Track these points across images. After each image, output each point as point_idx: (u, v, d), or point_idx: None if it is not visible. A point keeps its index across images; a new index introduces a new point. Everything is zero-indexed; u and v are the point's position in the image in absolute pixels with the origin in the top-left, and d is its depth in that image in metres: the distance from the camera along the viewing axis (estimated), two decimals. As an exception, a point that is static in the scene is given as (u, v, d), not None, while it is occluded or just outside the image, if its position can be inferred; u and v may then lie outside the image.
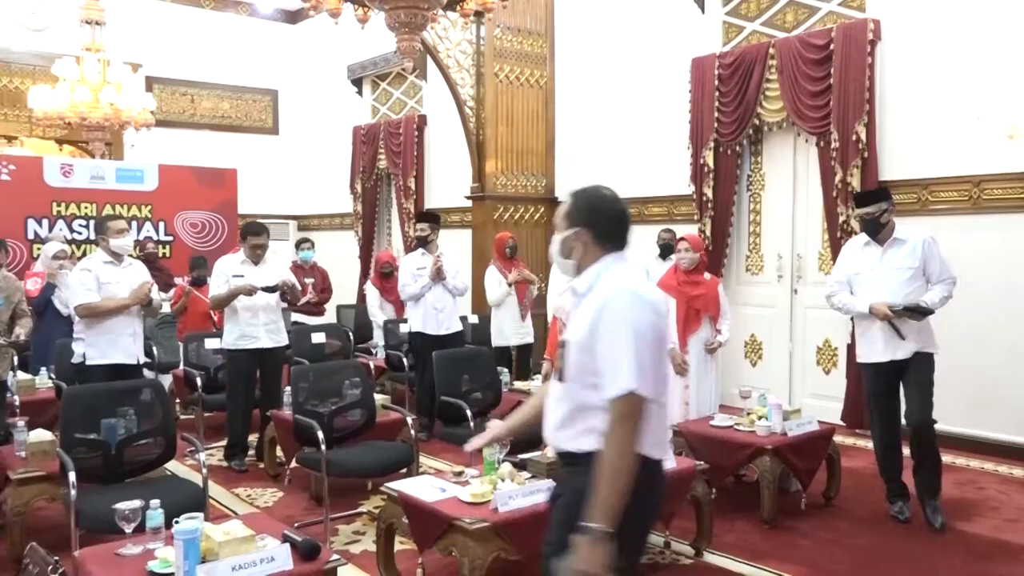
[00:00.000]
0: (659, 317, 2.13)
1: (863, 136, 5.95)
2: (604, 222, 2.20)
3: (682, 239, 5.00)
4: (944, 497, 4.67)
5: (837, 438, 4.82)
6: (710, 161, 6.99)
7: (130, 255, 5.17)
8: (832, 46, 6.12)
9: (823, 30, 6.30)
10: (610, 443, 2.02)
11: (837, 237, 6.16)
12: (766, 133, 6.90)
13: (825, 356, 6.58)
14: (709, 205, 7.02)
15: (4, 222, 7.57)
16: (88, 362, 4.83)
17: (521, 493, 3.17)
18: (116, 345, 4.87)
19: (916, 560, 3.79)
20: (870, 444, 5.80)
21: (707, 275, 5.02)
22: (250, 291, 5.13)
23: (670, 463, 2.38)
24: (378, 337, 7.38)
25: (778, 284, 6.85)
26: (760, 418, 4.41)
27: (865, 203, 4.29)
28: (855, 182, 6.00)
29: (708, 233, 6.96)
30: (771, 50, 6.55)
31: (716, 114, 6.91)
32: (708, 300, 4.86)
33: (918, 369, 4.26)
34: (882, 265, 4.23)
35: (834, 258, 6.27)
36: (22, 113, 9.90)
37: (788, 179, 6.83)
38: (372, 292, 7.62)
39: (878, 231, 4.25)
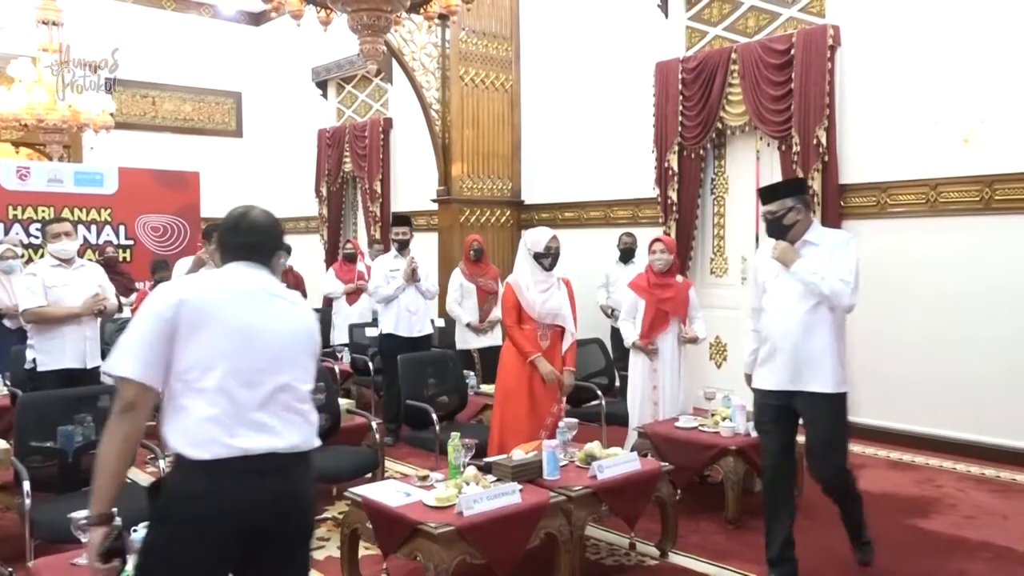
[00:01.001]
0: (180, 309, 2.05)
1: (823, 140, 6.04)
2: (223, 236, 2.29)
3: (657, 240, 5.03)
4: (904, 495, 4.76)
5: (800, 439, 4.87)
6: (674, 164, 7.05)
7: (83, 258, 5.06)
8: (793, 51, 6.21)
9: (784, 35, 6.39)
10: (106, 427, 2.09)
11: (799, 240, 6.23)
12: (729, 136, 6.97)
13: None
14: (674, 208, 7.08)
15: (-42, 226, 7.41)
16: (39, 368, 4.72)
17: (486, 496, 3.16)
18: (66, 350, 4.76)
19: (878, 557, 3.84)
20: (832, 444, 5.92)
21: (680, 278, 5.05)
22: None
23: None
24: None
25: (742, 286, 6.91)
26: (724, 419, 4.44)
27: (766, 199, 3.48)
28: (816, 185, 6.09)
29: (673, 236, 7.00)
30: (733, 55, 6.62)
31: (680, 118, 6.97)
32: (677, 303, 4.90)
33: (811, 413, 3.55)
34: (787, 276, 3.42)
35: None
36: (-23, 115, 9.68)
37: (751, 182, 6.91)
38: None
39: (782, 234, 3.43)
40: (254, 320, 2.12)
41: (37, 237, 8.03)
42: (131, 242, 8.67)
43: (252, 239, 2.25)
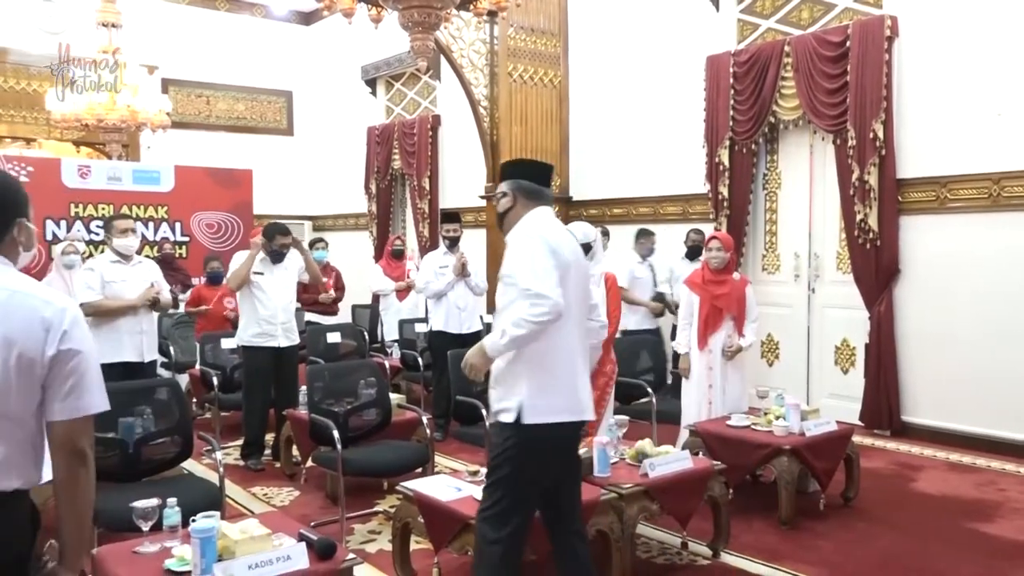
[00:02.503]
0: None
1: (880, 134, 5.90)
2: None
3: (713, 238, 4.97)
4: (965, 498, 4.63)
5: (856, 438, 4.78)
6: (725, 160, 6.95)
7: (140, 254, 5.20)
8: (848, 43, 6.07)
9: (839, 27, 6.25)
10: None
11: (854, 236, 6.11)
12: (782, 131, 6.85)
13: (843, 356, 6.52)
14: (724, 204, 6.98)
15: (23, 223, 7.63)
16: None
17: (537, 493, 3.15)
18: (123, 344, 4.89)
19: (936, 562, 3.75)
20: (889, 445, 5.81)
21: (736, 275, 4.96)
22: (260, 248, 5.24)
23: None
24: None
25: (795, 284, 6.80)
26: (777, 418, 4.37)
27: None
28: (872, 180, 5.95)
29: (723, 232, 6.91)
30: (786, 47, 6.50)
31: (731, 112, 6.87)
32: (731, 300, 4.83)
33: None
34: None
35: (852, 257, 6.25)
36: (40, 115, 9.97)
37: (804, 177, 6.78)
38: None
39: (499, 222, 3.06)
40: None
41: (98, 234, 8.24)
42: (187, 238, 8.85)
43: None
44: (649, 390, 5.28)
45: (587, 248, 4.39)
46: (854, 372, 6.41)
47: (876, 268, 6.06)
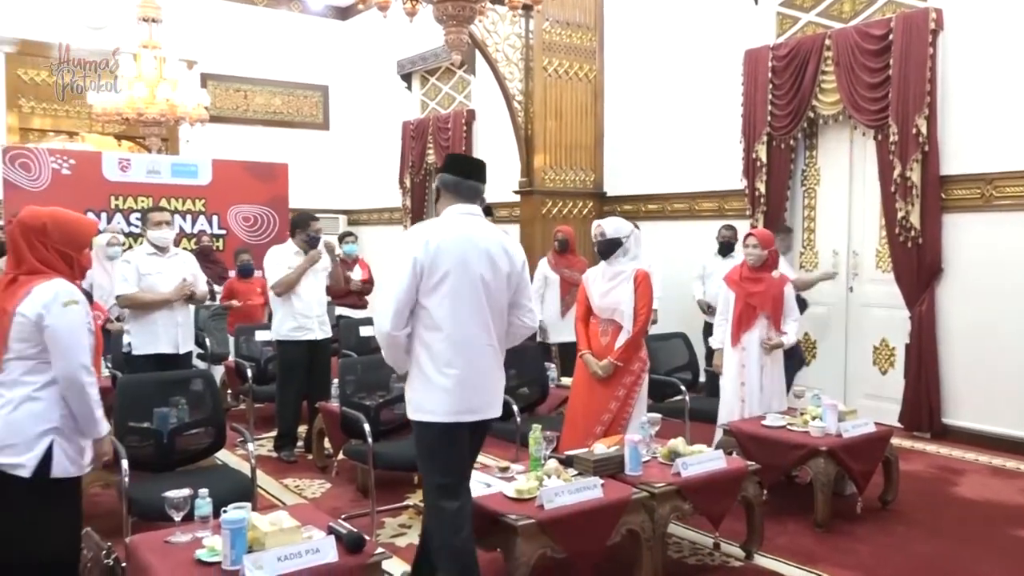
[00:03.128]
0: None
1: (923, 129, 5.76)
2: None
3: (750, 234, 4.89)
4: (1008, 504, 4.50)
5: (894, 440, 4.68)
6: (763, 155, 6.85)
7: (178, 247, 5.26)
8: (891, 36, 5.93)
9: (882, 20, 6.11)
10: None
11: (895, 234, 5.98)
12: (821, 126, 6.73)
13: (882, 356, 6.39)
14: (761, 200, 6.88)
15: (64, 215, 7.76)
16: (134, 352, 4.94)
17: (567, 490, 3.13)
18: (159, 335, 4.95)
19: (977, 570, 3.65)
20: (929, 447, 5.68)
21: (775, 273, 4.86)
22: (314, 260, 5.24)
23: None
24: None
25: (832, 282, 6.66)
26: (814, 418, 4.29)
27: None
28: (915, 177, 5.82)
29: (760, 228, 6.81)
30: (827, 41, 6.38)
31: (769, 107, 6.76)
32: (766, 298, 4.74)
33: None
34: None
35: (892, 255, 6.12)
36: (82, 110, 10.15)
37: (844, 174, 6.65)
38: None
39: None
40: None
41: (137, 226, 8.37)
42: (223, 231, 8.95)
43: None
44: (682, 387, 5.22)
45: (616, 244, 4.35)
46: (893, 373, 6.28)
47: (918, 266, 5.92)
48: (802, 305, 5.96)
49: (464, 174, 3.06)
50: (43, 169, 7.96)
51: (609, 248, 4.35)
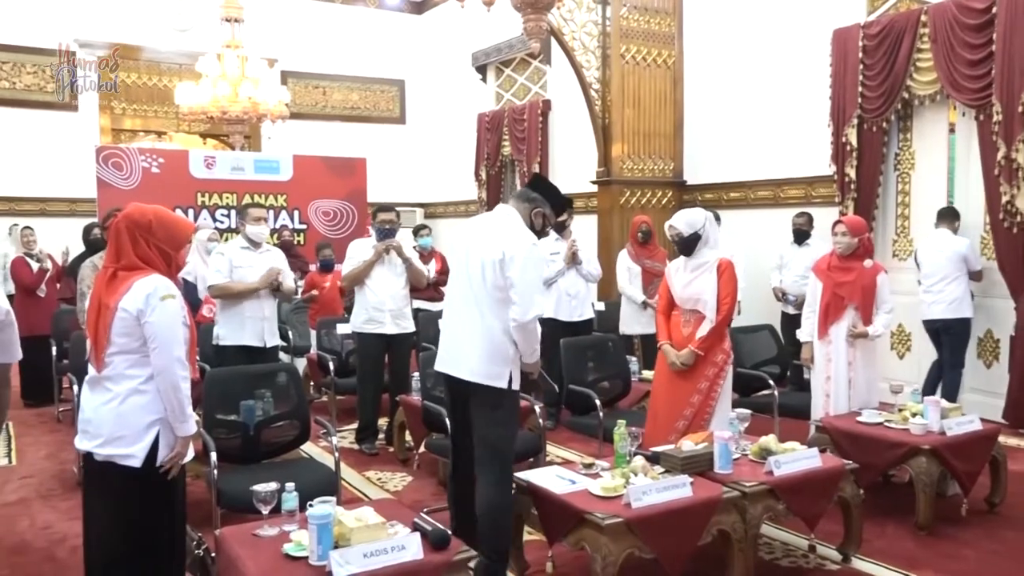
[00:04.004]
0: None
1: (1031, 107, 5.41)
2: None
3: (839, 222, 4.69)
4: None
5: (1001, 438, 4.40)
6: (853, 139, 6.55)
7: (268, 242, 5.34)
8: (995, 10, 5.58)
9: (984, -7, 5.76)
10: None
11: (999, 219, 5.64)
12: (916, 107, 6.40)
13: (986, 348, 6.05)
14: (852, 186, 6.59)
15: (154, 212, 7.98)
16: (221, 343, 5.04)
17: (655, 488, 3.03)
18: (245, 328, 5.03)
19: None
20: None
21: (868, 262, 4.62)
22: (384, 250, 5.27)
23: None
24: None
25: (929, 270, 6.33)
26: (914, 415, 4.07)
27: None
28: (1021, 158, 5.47)
29: (850, 215, 6.52)
30: (923, 17, 6.05)
31: (860, 88, 6.46)
32: (855, 288, 4.52)
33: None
34: None
35: (996, 242, 5.78)
36: (170, 110, 10.51)
37: (941, 157, 6.31)
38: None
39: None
40: None
41: (223, 222, 8.59)
42: (304, 226, 9.10)
43: None
44: (770, 382, 5.04)
45: (695, 238, 4.20)
46: (998, 366, 5.94)
47: (1023, 254, 5.58)
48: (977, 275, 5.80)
49: (532, 186, 3.52)
50: (134, 168, 8.22)
51: (690, 244, 4.22)
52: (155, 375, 2.67)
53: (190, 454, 2.83)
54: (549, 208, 3.43)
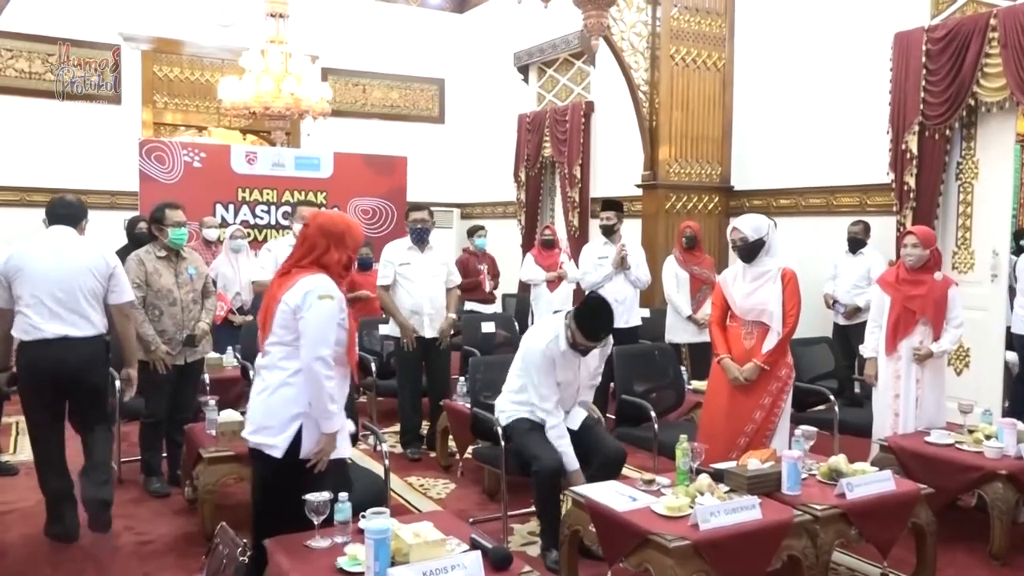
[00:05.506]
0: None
1: (1108, 116, 5.17)
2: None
3: (909, 232, 4.50)
4: None
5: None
6: (913, 147, 6.32)
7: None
8: (1071, 14, 5.35)
9: (1059, -4, 5.52)
10: None
11: (1069, 232, 5.40)
12: (982, 115, 6.15)
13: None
14: (911, 195, 6.35)
15: (197, 207, 7.83)
16: None
17: (724, 510, 2.88)
18: None
19: None
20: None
21: (939, 275, 4.44)
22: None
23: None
24: None
25: (991, 284, 6.11)
26: (988, 437, 3.87)
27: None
28: (1096, 170, 5.23)
29: (908, 225, 6.30)
30: (992, 21, 5.81)
31: (922, 94, 6.22)
32: (927, 302, 4.33)
33: None
34: None
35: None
36: (211, 105, 10.48)
37: (1007, 166, 6.07)
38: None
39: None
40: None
41: (262, 218, 8.54)
42: (343, 224, 9.01)
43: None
44: (830, 396, 4.85)
45: (760, 244, 4.05)
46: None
47: (1095, 269, 5.33)
48: None
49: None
50: (176, 162, 8.19)
51: (754, 251, 4.06)
52: (302, 370, 2.78)
53: (346, 450, 2.97)
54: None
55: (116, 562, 3.63)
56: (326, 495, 2.66)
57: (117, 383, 4.32)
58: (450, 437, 4.97)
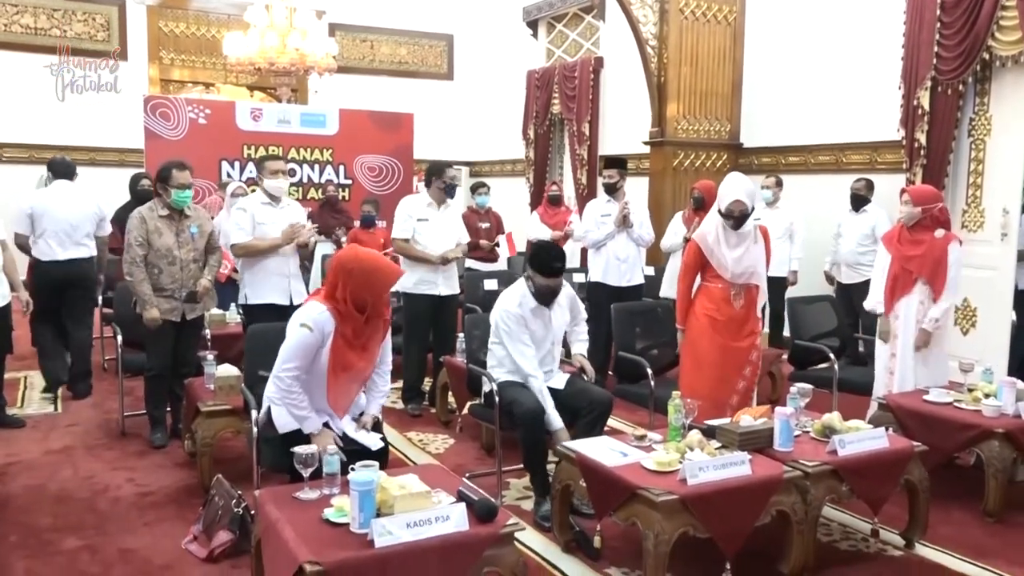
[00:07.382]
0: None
1: None
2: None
3: (903, 191, 4.44)
4: None
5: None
6: (925, 102, 6.18)
7: (291, 196, 5.23)
8: (1091, -36, 5.18)
9: (1080, -55, 5.34)
10: None
11: (1083, 190, 5.30)
12: (996, 69, 6.00)
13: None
14: (921, 152, 6.23)
15: (202, 164, 7.84)
16: (248, 302, 4.91)
17: (713, 465, 2.87)
18: (270, 285, 4.87)
19: None
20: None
21: (940, 232, 4.35)
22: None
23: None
24: None
25: (1001, 243, 6.00)
26: (987, 396, 3.84)
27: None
28: (1111, 125, 5.11)
29: (918, 183, 6.20)
30: (1010, -28, 5.65)
31: (936, 48, 6.07)
32: (924, 262, 4.27)
33: None
34: None
35: (1077, 215, 5.44)
36: (218, 61, 10.42)
37: (1022, 122, 5.93)
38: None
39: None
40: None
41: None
42: (349, 181, 8.99)
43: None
44: (830, 355, 4.82)
45: (751, 210, 4.06)
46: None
47: (1108, 228, 5.24)
48: None
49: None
50: (181, 118, 8.16)
51: (747, 217, 4.03)
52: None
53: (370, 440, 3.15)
54: None
55: (116, 512, 3.68)
56: (313, 448, 2.68)
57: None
58: (450, 393, 4.99)
